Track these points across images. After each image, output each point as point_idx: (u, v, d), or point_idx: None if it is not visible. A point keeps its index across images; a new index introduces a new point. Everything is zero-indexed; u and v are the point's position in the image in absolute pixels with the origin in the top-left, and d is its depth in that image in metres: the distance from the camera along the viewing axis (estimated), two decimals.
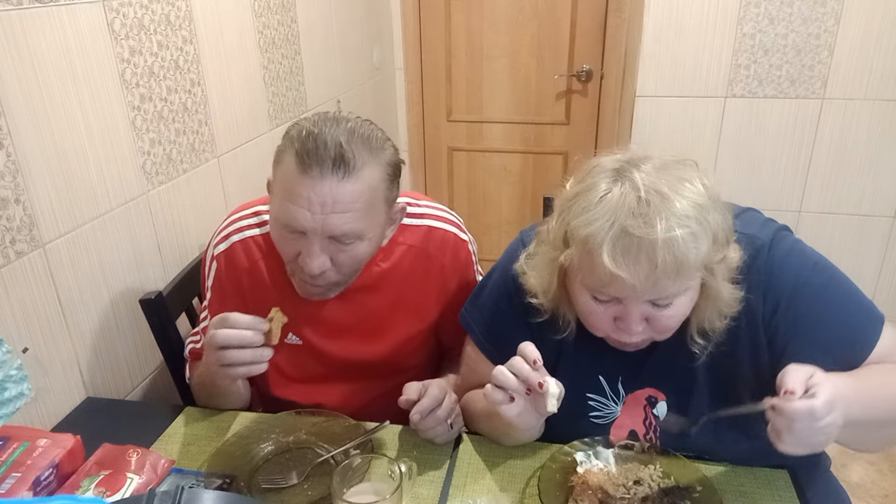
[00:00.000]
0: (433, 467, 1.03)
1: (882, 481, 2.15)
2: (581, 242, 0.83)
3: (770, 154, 2.29)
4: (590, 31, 2.76)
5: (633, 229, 0.79)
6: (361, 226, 0.99)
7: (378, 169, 0.99)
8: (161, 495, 0.66)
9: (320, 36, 2.19)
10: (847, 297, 0.93)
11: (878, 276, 2.32)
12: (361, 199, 0.97)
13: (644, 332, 0.89)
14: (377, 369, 1.22)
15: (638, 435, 1.03)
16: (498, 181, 3.10)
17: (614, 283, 0.82)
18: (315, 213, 0.96)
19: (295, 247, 1.02)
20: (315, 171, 0.94)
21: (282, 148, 1.01)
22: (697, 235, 0.80)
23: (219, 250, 1.18)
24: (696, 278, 0.85)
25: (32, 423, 1.13)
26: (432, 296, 1.19)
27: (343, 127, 0.97)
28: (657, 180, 0.81)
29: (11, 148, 1.07)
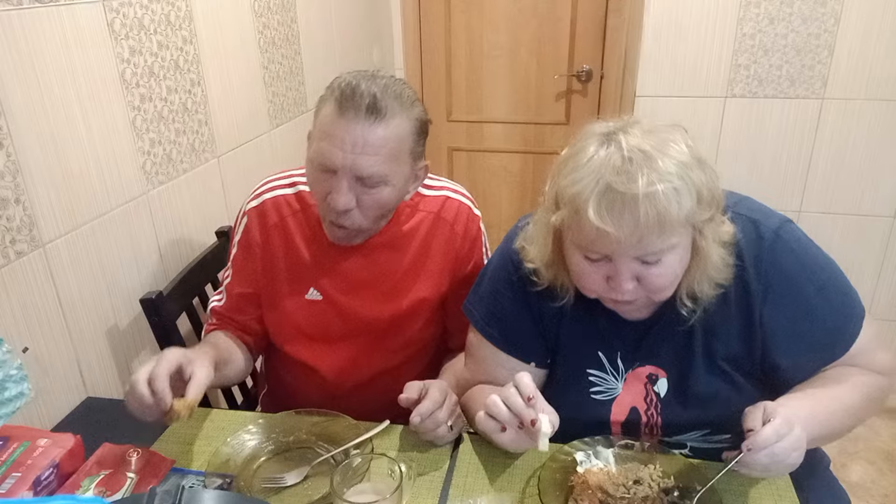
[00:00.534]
0: (433, 467, 1.03)
1: (882, 481, 2.15)
2: (569, 201, 0.87)
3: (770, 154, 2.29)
4: (590, 31, 2.76)
5: (616, 185, 0.82)
6: (386, 170, 1.07)
7: (406, 122, 1.09)
8: (161, 495, 0.66)
9: (320, 36, 2.19)
10: (839, 297, 0.97)
11: (878, 276, 2.32)
12: (388, 145, 1.06)
13: (636, 292, 0.91)
14: (389, 333, 1.26)
15: (639, 411, 1.04)
16: (498, 181, 3.10)
17: (601, 239, 0.85)
18: (346, 153, 1.04)
19: (326, 186, 1.09)
20: (350, 114, 1.04)
21: (323, 97, 1.10)
22: (679, 191, 0.83)
23: (250, 206, 1.26)
24: (682, 236, 0.87)
25: (32, 422, 1.13)
26: (444, 261, 1.25)
27: (379, 82, 1.07)
28: (642, 141, 0.85)
29: (11, 148, 1.08)
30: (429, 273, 1.25)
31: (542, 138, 2.96)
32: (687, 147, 0.87)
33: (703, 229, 0.89)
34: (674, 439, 1.04)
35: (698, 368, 0.99)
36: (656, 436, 1.04)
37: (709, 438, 1.02)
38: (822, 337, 0.96)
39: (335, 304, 1.24)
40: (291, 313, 1.25)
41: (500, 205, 3.14)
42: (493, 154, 3.07)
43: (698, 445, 1.04)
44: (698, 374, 0.99)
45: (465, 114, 3.03)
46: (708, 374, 0.99)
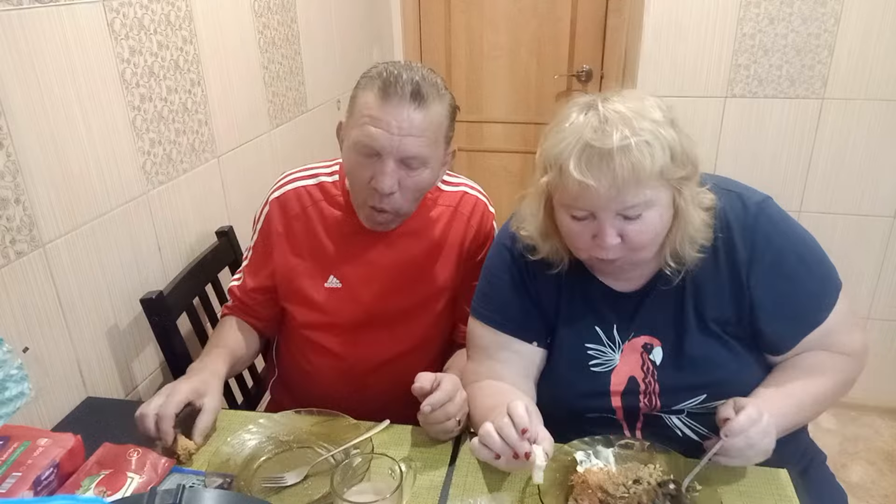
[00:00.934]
0: (433, 467, 1.03)
1: (882, 481, 2.15)
2: (553, 161, 0.95)
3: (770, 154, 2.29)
4: (590, 31, 2.76)
5: (593, 142, 0.90)
6: (428, 152, 1.14)
7: (443, 107, 1.15)
8: (162, 494, 0.66)
9: (320, 36, 2.19)
10: (819, 267, 1.04)
11: (878, 276, 2.32)
12: (430, 128, 1.13)
13: (619, 250, 0.96)
14: (405, 321, 1.30)
15: (637, 380, 1.06)
16: (498, 181, 3.10)
17: (584, 194, 0.92)
18: (393, 134, 1.10)
19: (368, 171, 1.14)
20: (395, 99, 1.10)
21: (360, 86, 1.15)
22: (652, 144, 0.90)
23: (274, 196, 1.32)
24: (659, 191, 0.93)
25: (33, 422, 1.13)
26: (458, 252, 1.31)
27: (417, 71, 1.14)
28: (618, 105, 0.93)
29: (11, 148, 1.08)
30: (444, 264, 1.30)
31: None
32: (660, 110, 0.94)
33: (682, 190, 0.95)
34: (672, 408, 1.06)
35: (692, 333, 1.04)
36: (655, 405, 1.06)
37: (706, 405, 1.04)
38: (804, 302, 1.02)
39: (354, 291, 1.29)
40: (310, 300, 1.30)
41: (500, 205, 3.12)
42: (493, 154, 3.07)
43: (697, 411, 1.06)
44: (692, 339, 1.03)
45: (465, 114, 3.02)
46: (701, 338, 1.03)
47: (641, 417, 1.08)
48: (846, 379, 1.05)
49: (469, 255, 1.31)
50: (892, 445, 2.31)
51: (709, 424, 1.03)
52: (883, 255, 2.30)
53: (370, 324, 1.30)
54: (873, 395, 2.44)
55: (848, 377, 1.05)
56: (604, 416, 1.09)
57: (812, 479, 1.12)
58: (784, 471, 0.99)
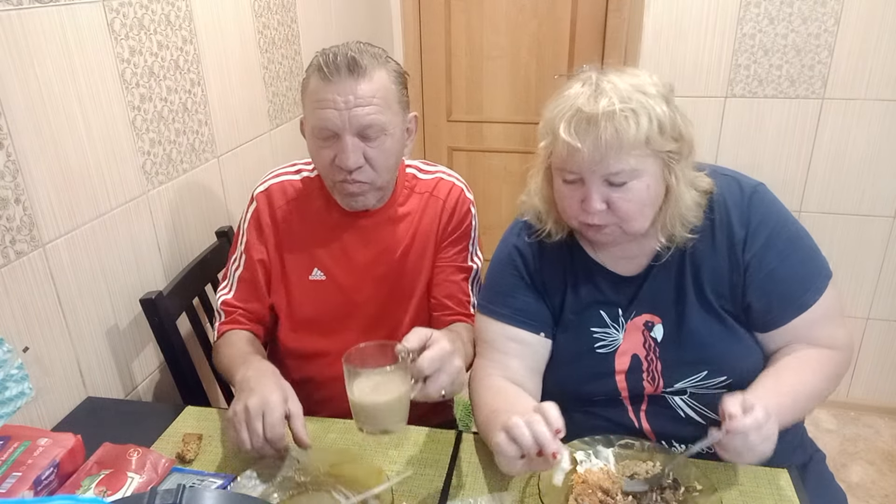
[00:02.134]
0: (433, 467, 1.03)
1: (882, 481, 2.15)
2: (549, 124, 1.01)
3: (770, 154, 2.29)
4: (590, 31, 2.76)
5: (584, 107, 0.96)
6: (383, 119, 1.15)
7: (386, 73, 1.16)
8: (163, 494, 0.66)
9: (320, 36, 2.19)
10: (808, 252, 1.07)
11: (878, 276, 2.32)
12: (378, 94, 1.14)
13: (606, 217, 1.00)
14: (392, 311, 1.30)
15: (640, 357, 1.08)
16: (498, 181, 3.10)
17: (572, 156, 0.97)
18: (341, 110, 1.12)
19: (330, 153, 1.16)
20: (335, 76, 1.12)
21: (305, 77, 1.18)
22: (637, 112, 0.94)
23: (258, 191, 1.33)
24: (645, 161, 0.97)
25: (33, 422, 1.13)
26: (436, 235, 1.32)
27: (353, 46, 1.15)
28: (614, 77, 0.98)
29: (11, 148, 1.08)
30: (424, 249, 1.31)
31: None
32: (655, 86, 0.98)
33: (674, 168, 1.00)
34: (675, 387, 1.07)
35: (691, 310, 1.07)
36: (658, 384, 1.08)
37: (707, 383, 1.06)
38: (793, 281, 1.05)
39: (338, 283, 1.29)
40: (297, 295, 1.30)
41: (500, 205, 3.14)
42: (493, 154, 3.07)
43: (698, 391, 1.07)
44: (691, 316, 1.06)
45: (465, 114, 3.03)
46: (700, 314, 1.06)
47: (646, 399, 1.09)
48: (835, 373, 1.06)
49: (445, 234, 1.32)
50: (892, 445, 2.31)
51: (711, 405, 1.04)
52: (883, 255, 2.30)
53: (357, 315, 1.31)
54: (873, 395, 2.44)
55: (836, 371, 1.06)
56: (609, 400, 1.11)
57: (811, 478, 1.13)
58: (784, 471, 0.99)
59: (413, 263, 1.31)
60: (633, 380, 1.09)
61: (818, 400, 1.05)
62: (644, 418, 1.09)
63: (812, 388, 1.03)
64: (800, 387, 1.01)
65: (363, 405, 0.91)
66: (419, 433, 1.11)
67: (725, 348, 1.05)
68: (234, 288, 1.31)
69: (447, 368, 0.95)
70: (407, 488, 0.99)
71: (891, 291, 2.33)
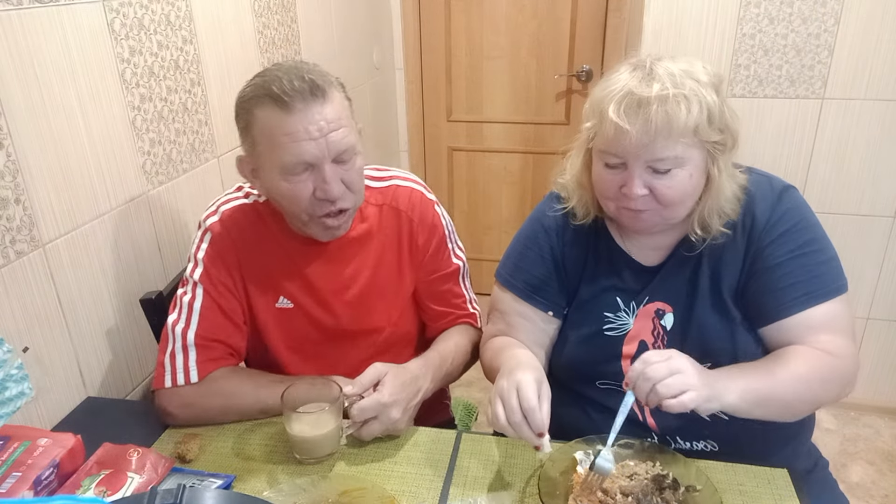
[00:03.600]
0: (433, 467, 1.03)
1: (882, 481, 2.15)
2: (597, 105, 1.00)
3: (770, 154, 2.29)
4: (590, 31, 2.76)
5: (636, 90, 0.95)
6: (353, 138, 1.09)
7: (337, 90, 1.09)
8: (163, 494, 0.66)
9: (320, 36, 2.19)
10: (826, 259, 1.06)
11: (879, 276, 2.32)
12: (342, 114, 1.07)
13: (647, 202, 1.00)
14: (367, 334, 1.25)
15: (647, 344, 1.10)
16: (498, 181, 3.10)
17: (619, 138, 0.96)
18: (317, 139, 1.03)
19: (308, 186, 1.07)
20: (298, 104, 1.02)
21: (245, 111, 1.06)
22: (689, 99, 0.94)
23: (210, 221, 1.20)
24: (691, 150, 0.97)
25: (33, 422, 1.13)
26: (406, 252, 1.25)
27: (294, 66, 1.07)
28: (667, 63, 0.98)
29: (11, 148, 1.08)
30: (391, 265, 1.25)
31: (542, 138, 2.96)
32: (707, 74, 0.98)
33: (718, 159, 1.00)
34: None
35: (703, 302, 1.07)
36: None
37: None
38: (799, 278, 1.03)
39: (306, 310, 1.22)
40: (265, 323, 1.21)
41: (500, 205, 3.14)
42: (493, 154, 3.07)
43: None
44: (703, 307, 1.07)
45: (465, 114, 3.03)
46: (711, 308, 1.07)
47: None
48: (828, 374, 1.00)
49: (419, 252, 1.25)
50: (892, 445, 2.31)
51: None
52: (883, 255, 2.30)
53: (331, 340, 1.24)
54: (873, 395, 2.44)
55: (829, 372, 1.00)
56: (612, 388, 1.11)
57: (815, 484, 1.12)
58: (784, 471, 0.99)
59: (385, 278, 1.24)
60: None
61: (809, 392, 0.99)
62: (647, 411, 1.09)
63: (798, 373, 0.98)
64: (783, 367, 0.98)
65: (299, 439, 1.02)
66: (419, 433, 1.11)
67: (731, 345, 1.05)
68: (196, 323, 1.14)
69: (382, 419, 1.04)
70: (407, 488, 0.99)
71: (891, 291, 2.33)
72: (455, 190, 3.17)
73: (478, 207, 3.17)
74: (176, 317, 1.15)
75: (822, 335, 1.02)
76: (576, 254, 1.15)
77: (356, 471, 1.02)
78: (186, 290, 1.17)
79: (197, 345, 1.13)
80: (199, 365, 1.12)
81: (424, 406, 1.15)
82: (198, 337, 1.13)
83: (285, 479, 1.00)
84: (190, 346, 1.13)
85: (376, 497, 0.94)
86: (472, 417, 2.00)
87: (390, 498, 0.94)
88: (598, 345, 1.12)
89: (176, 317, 1.15)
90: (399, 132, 3.09)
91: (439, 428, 1.13)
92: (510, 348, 1.12)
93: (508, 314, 1.18)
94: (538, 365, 1.03)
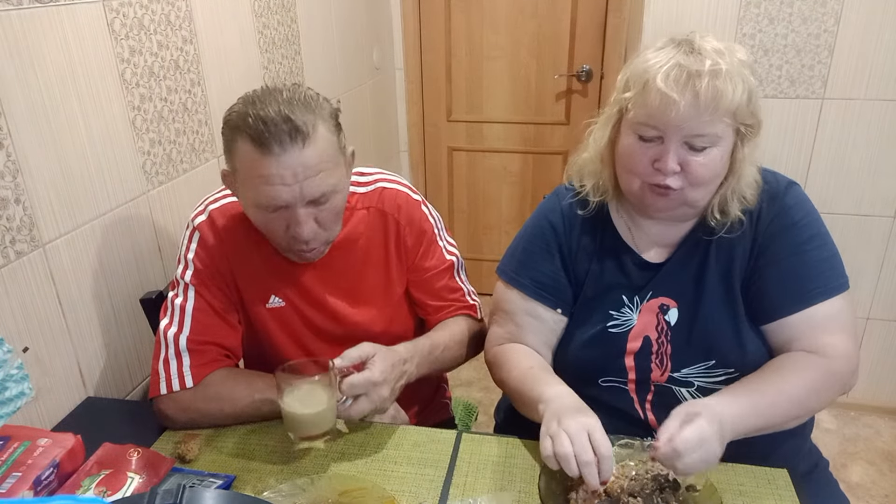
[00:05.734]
0: (433, 467, 1.03)
1: (882, 481, 2.15)
2: (639, 76, 0.98)
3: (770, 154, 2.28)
4: (590, 31, 2.76)
5: (685, 62, 0.94)
6: (333, 181, 1.05)
7: (325, 125, 1.03)
8: (163, 494, 0.66)
9: (320, 36, 2.19)
10: (828, 255, 1.06)
11: (879, 276, 2.32)
12: (325, 157, 1.02)
13: (679, 180, 0.99)
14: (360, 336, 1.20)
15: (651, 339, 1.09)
16: (498, 181, 3.10)
17: (663, 109, 0.94)
18: (291, 185, 1.00)
19: (281, 223, 1.06)
20: (276, 148, 0.97)
21: (228, 137, 1.03)
22: (735, 78, 0.94)
23: (199, 220, 1.18)
24: (728, 130, 0.97)
25: (33, 422, 1.13)
26: (394, 254, 1.24)
27: (281, 99, 1.00)
28: (711, 40, 0.98)
29: (11, 148, 1.08)
30: (382, 267, 1.23)
31: (542, 138, 2.96)
32: (746, 55, 0.99)
33: (745, 142, 1.00)
34: (681, 374, 1.08)
35: (709, 297, 1.06)
36: (666, 368, 1.08)
37: (713, 372, 1.06)
38: (800, 275, 1.03)
39: (299, 310, 1.21)
40: (260, 322, 1.21)
41: (500, 205, 3.14)
42: (493, 154, 3.07)
43: (704, 384, 1.07)
44: (709, 303, 1.06)
45: (465, 114, 3.03)
46: (717, 303, 1.06)
47: (652, 388, 1.09)
48: (823, 385, 0.99)
49: (408, 253, 1.24)
50: (892, 445, 2.31)
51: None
52: (883, 255, 2.30)
53: (325, 340, 1.23)
54: (873, 395, 2.44)
55: (826, 382, 0.99)
56: (615, 385, 1.11)
57: (815, 485, 1.12)
58: (784, 471, 0.99)
59: (373, 282, 1.23)
60: (641, 361, 1.09)
61: (803, 409, 1.00)
62: (650, 409, 1.09)
63: (793, 395, 0.97)
64: (780, 393, 0.97)
65: (292, 415, 0.99)
66: (419, 433, 1.11)
67: (736, 341, 1.05)
68: (189, 327, 1.13)
69: (371, 396, 1.01)
70: (407, 488, 0.99)
71: (891, 291, 2.33)
72: (455, 190, 3.17)
73: (478, 207, 3.17)
74: (168, 321, 1.14)
75: (823, 335, 1.01)
76: (582, 252, 1.14)
77: (356, 471, 1.02)
78: (177, 293, 1.16)
79: (190, 349, 1.12)
80: (194, 370, 1.11)
81: (425, 406, 1.15)
82: (190, 341, 1.12)
83: (285, 479, 1.00)
84: (183, 351, 1.12)
85: (376, 497, 0.94)
86: (472, 417, 2.00)
87: (390, 498, 0.94)
88: (602, 342, 1.11)
89: (168, 321, 1.14)
90: (399, 132, 3.09)
91: (439, 428, 1.13)
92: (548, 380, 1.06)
93: (516, 314, 1.16)
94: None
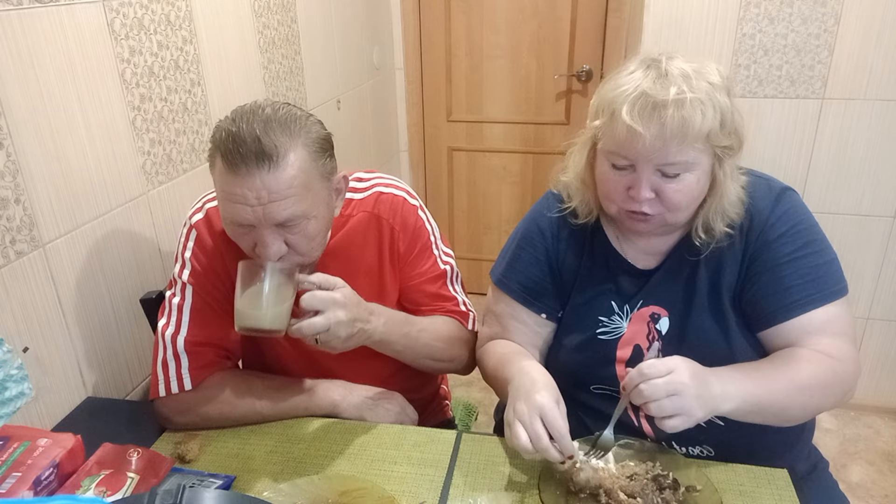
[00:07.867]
0: (433, 467, 1.03)
1: (882, 481, 2.15)
2: (608, 104, 0.97)
3: (770, 154, 2.29)
4: (590, 31, 2.76)
5: (650, 92, 0.92)
6: (302, 208, 1.00)
7: (303, 150, 1.00)
8: (163, 494, 0.66)
9: (320, 36, 2.19)
10: (826, 261, 1.03)
11: (878, 276, 2.32)
12: (294, 183, 0.98)
13: (654, 206, 0.98)
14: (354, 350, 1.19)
15: (641, 348, 1.08)
16: (498, 181, 3.10)
17: (631, 140, 0.93)
18: (254, 207, 0.98)
19: (249, 239, 1.04)
20: (242, 168, 0.96)
21: (211, 152, 1.02)
22: (705, 104, 0.92)
23: (196, 219, 1.18)
24: (702, 155, 0.96)
25: (33, 422, 1.13)
26: (387, 260, 1.22)
27: (259, 118, 0.98)
28: (680, 62, 0.96)
29: (11, 148, 1.08)
30: (373, 274, 1.21)
31: (542, 138, 2.96)
32: (720, 75, 0.96)
33: (724, 162, 0.98)
34: None
35: (700, 307, 1.05)
36: None
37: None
38: (796, 282, 1.01)
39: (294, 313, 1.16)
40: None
41: (500, 205, 3.14)
42: (493, 154, 3.07)
43: None
44: (700, 312, 1.05)
45: (465, 114, 3.03)
46: (708, 313, 1.05)
47: None
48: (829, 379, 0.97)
49: (400, 256, 1.22)
50: (892, 445, 2.31)
51: None
52: (883, 255, 2.30)
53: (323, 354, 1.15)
54: (873, 395, 2.44)
55: (833, 378, 0.98)
56: (606, 392, 1.11)
57: (816, 485, 1.12)
58: (784, 471, 0.99)
59: (368, 288, 1.18)
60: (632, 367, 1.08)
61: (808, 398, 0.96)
62: (643, 417, 1.09)
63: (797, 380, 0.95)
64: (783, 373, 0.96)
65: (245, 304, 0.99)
66: (419, 433, 1.11)
67: (727, 351, 1.03)
68: (187, 328, 1.13)
69: (328, 314, 0.98)
70: (407, 488, 0.99)
71: (891, 291, 2.33)
72: (455, 190, 3.17)
73: (478, 207, 3.17)
74: (165, 321, 1.14)
75: (823, 339, 1.00)
76: (571, 257, 1.13)
77: (356, 471, 1.02)
78: (175, 292, 1.15)
79: (188, 351, 1.11)
80: (192, 372, 1.11)
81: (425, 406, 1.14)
82: (188, 343, 1.12)
83: (285, 479, 1.00)
84: (181, 352, 1.11)
85: (376, 497, 0.94)
86: (472, 417, 2.00)
87: (390, 498, 0.94)
88: (591, 349, 1.10)
89: (165, 321, 1.14)
90: (399, 132, 3.09)
91: (439, 428, 1.13)
92: (516, 360, 1.06)
93: (502, 317, 1.18)
94: (551, 381, 0.98)
